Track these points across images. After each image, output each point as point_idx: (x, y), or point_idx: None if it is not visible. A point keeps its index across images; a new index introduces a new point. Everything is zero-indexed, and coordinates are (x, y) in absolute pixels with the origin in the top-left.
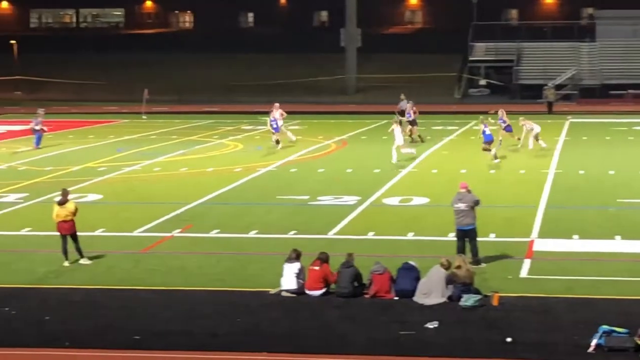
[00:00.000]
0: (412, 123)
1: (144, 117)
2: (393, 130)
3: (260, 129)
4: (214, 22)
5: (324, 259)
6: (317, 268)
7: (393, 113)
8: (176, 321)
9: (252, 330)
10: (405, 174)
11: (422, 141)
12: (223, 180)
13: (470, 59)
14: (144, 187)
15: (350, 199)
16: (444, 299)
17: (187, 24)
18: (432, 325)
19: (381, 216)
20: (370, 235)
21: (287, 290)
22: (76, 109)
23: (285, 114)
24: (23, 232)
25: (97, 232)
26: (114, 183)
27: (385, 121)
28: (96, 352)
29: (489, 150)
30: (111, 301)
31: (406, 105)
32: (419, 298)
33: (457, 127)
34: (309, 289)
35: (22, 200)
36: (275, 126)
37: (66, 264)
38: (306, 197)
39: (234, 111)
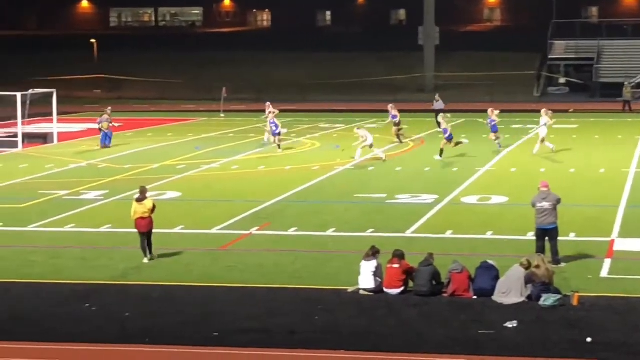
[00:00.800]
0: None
1: (222, 115)
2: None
3: (338, 127)
4: (292, 21)
5: (400, 255)
6: (396, 266)
7: (473, 111)
8: (254, 318)
9: (330, 328)
10: (484, 173)
11: (400, 142)
12: (301, 178)
13: (550, 57)
14: (222, 184)
15: (428, 198)
16: (523, 299)
17: (264, 23)
18: (511, 324)
19: (459, 215)
20: (449, 233)
21: (364, 289)
22: (155, 107)
23: (276, 112)
24: (103, 229)
25: (176, 230)
26: (193, 181)
27: (463, 120)
28: (175, 348)
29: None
30: (190, 298)
31: (442, 106)
32: (498, 297)
33: (536, 126)
34: (388, 287)
35: (102, 198)
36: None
37: (145, 260)
38: (384, 196)
39: (311, 109)
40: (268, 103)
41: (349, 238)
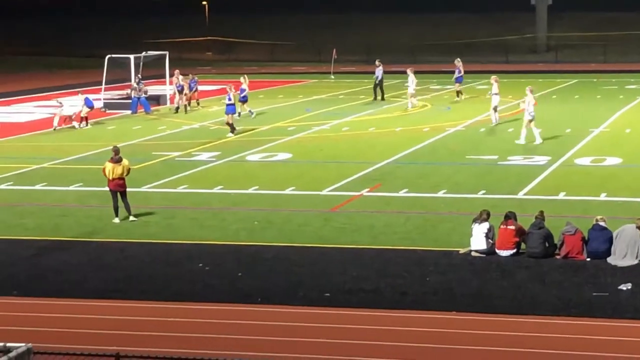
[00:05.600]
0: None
1: (332, 77)
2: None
3: (449, 88)
4: None
5: (513, 216)
6: (511, 227)
7: (587, 72)
8: (365, 279)
9: (442, 289)
10: (598, 134)
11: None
12: (411, 139)
13: None
14: (333, 146)
15: (541, 159)
16: (638, 261)
17: None
18: (625, 287)
19: (572, 176)
20: (562, 195)
21: (476, 251)
22: (265, 69)
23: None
24: (215, 189)
25: (287, 191)
26: (303, 142)
27: (576, 80)
28: (287, 308)
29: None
30: (302, 259)
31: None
32: (612, 259)
33: None
34: (500, 249)
35: (214, 159)
36: (243, 95)
37: (116, 220)
38: (495, 157)
39: (422, 71)
40: (245, 75)
41: (460, 199)
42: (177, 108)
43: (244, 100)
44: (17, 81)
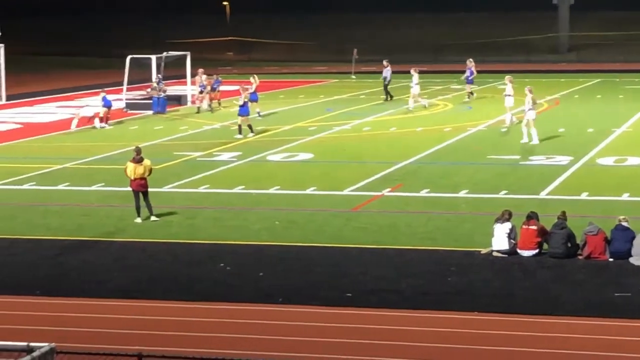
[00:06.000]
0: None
1: (353, 77)
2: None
3: (474, 87)
4: None
5: (535, 216)
6: (533, 227)
7: (609, 71)
8: (386, 279)
9: (463, 289)
10: (620, 134)
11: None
12: (432, 139)
13: None
14: (354, 146)
15: (563, 159)
16: None
17: None
18: None
19: (595, 176)
20: (584, 195)
21: (498, 251)
22: (286, 69)
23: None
24: (237, 189)
25: (308, 191)
26: (324, 142)
27: (599, 80)
28: (308, 308)
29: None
30: (323, 259)
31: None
32: (635, 260)
33: None
34: (522, 249)
35: (235, 159)
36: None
37: (138, 220)
38: (517, 157)
39: (443, 70)
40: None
41: (481, 200)
42: (199, 108)
43: (254, 99)
44: (39, 81)
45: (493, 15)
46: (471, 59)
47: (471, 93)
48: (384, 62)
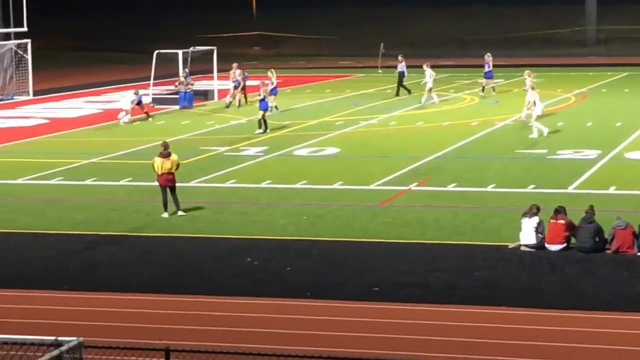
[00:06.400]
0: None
1: (379, 71)
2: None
3: (497, 82)
4: None
5: (563, 210)
6: (561, 222)
7: (637, 65)
8: (414, 274)
9: (491, 284)
10: None
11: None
12: (459, 133)
13: None
14: (381, 140)
15: (591, 153)
16: None
17: None
18: None
19: (623, 170)
20: (612, 189)
21: (526, 245)
22: (313, 63)
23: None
24: (263, 184)
25: (335, 185)
26: (351, 136)
27: (626, 74)
28: (335, 302)
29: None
30: (350, 253)
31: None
32: None
33: None
34: (550, 243)
35: (262, 154)
36: (273, 89)
37: (165, 215)
38: (545, 151)
39: (470, 64)
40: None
41: (509, 194)
42: (230, 103)
43: (273, 94)
44: (65, 77)
45: (520, 8)
46: (489, 54)
47: (491, 88)
48: (399, 57)
